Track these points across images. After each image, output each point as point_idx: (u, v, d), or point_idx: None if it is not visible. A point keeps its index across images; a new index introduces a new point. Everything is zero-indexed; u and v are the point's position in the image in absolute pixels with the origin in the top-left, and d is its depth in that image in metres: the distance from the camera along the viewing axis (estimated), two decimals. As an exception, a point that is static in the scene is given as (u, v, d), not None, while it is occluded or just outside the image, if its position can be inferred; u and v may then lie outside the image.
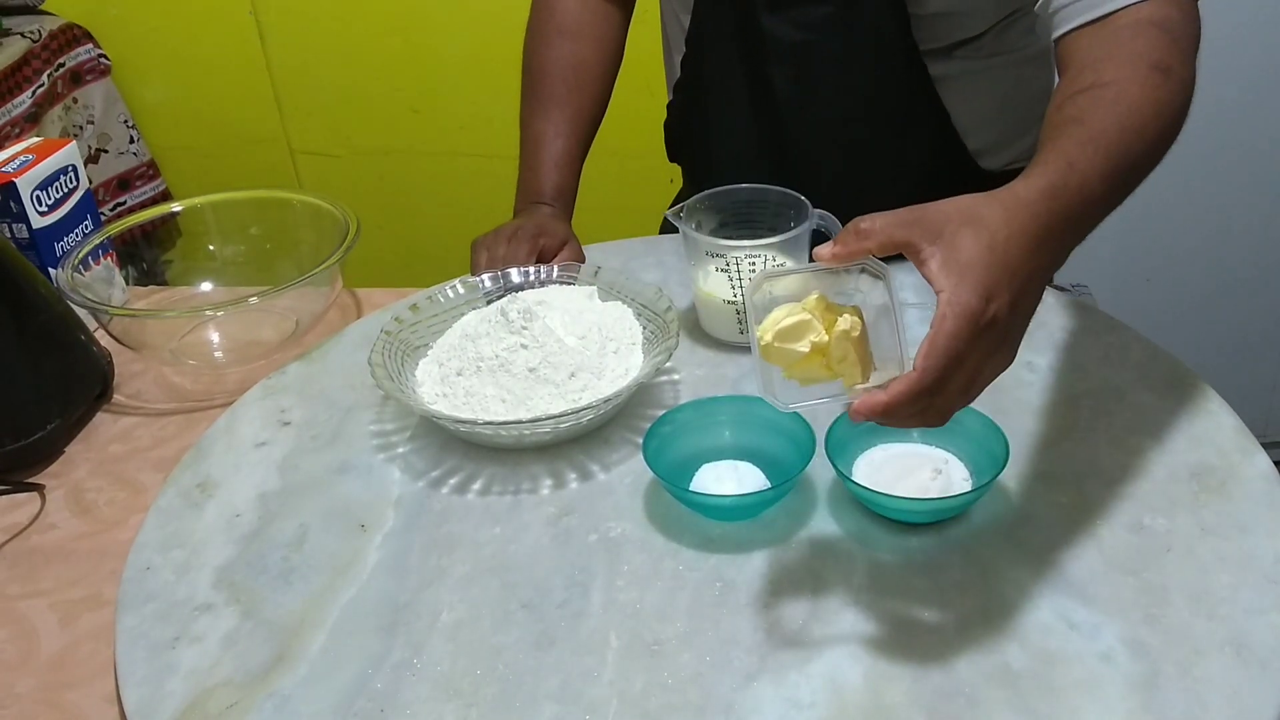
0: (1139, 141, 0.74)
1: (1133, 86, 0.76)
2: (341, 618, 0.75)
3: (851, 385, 0.68)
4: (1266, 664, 0.67)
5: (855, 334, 0.67)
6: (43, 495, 0.92)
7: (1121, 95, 0.75)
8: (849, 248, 0.65)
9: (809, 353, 0.67)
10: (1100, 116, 0.74)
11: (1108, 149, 0.72)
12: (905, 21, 1.01)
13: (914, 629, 0.71)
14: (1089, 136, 0.72)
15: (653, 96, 1.29)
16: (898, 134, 1.09)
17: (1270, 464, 0.81)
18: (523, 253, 1.03)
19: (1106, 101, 0.75)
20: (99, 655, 0.77)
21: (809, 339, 0.67)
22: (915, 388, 0.62)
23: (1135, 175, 0.75)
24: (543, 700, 0.68)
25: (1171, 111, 0.77)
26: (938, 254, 0.63)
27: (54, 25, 2.04)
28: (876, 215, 0.65)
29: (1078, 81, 0.79)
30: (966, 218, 0.65)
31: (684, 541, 0.79)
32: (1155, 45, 0.79)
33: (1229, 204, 1.97)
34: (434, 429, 0.91)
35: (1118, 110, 0.74)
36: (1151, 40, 0.79)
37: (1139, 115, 0.75)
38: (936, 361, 0.61)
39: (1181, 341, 1.05)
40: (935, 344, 0.61)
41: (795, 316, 0.67)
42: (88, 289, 1.06)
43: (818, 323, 0.67)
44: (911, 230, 0.64)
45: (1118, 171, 0.72)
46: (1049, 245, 0.67)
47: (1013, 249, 0.64)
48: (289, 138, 2.25)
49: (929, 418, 0.65)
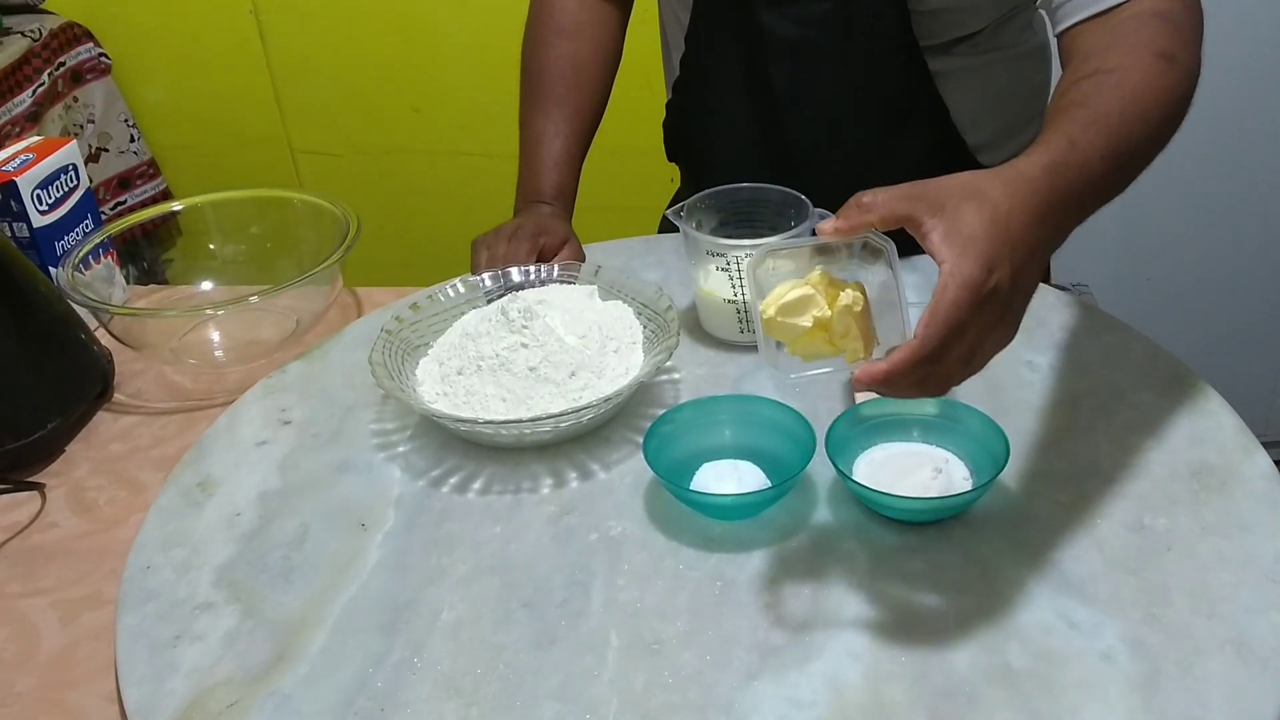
0: (1141, 125, 0.75)
1: (1136, 73, 0.77)
2: (342, 617, 0.75)
3: (854, 360, 0.68)
4: (1267, 663, 0.67)
5: (857, 309, 0.67)
6: (43, 494, 0.92)
7: (1125, 80, 0.77)
8: (851, 221, 0.65)
9: (811, 327, 0.68)
10: (1103, 100, 0.75)
11: (1110, 130, 0.73)
12: (905, 18, 1.01)
13: (914, 628, 0.71)
14: (1091, 118, 0.73)
15: (652, 95, 1.29)
16: (897, 130, 1.09)
17: (1270, 463, 0.81)
18: (523, 252, 1.03)
19: (1109, 86, 0.76)
20: (100, 654, 0.77)
21: (812, 313, 0.67)
22: (916, 355, 0.62)
23: (1137, 159, 0.76)
24: (543, 699, 0.68)
25: (1174, 98, 0.78)
26: (940, 226, 0.64)
27: (54, 24, 2.04)
28: (878, 189, 0.65)
29: (1082, 69, 0.80)
30: (969, 191, 0.65)
31: (684, 540, 0.79)
32: (1159, 34, 0.80)
33: (1230, 203, 1.97)
34: (434, 428, 0.91)
35: (1120, 94, 0.76)
36: (1155, 29, 0.81)
37: (1141, 100, 0.76)
38: (937, 330, 0.62)
39: (1182, 341, 1.05)
40: (936, 313, 0.62)
41: (799, 291, 0.67)
42: (88, 288, 1.06)
43: (820, 298, 0.67)
44: (914, 204, 0.64)
45: (1118, 153, 0.73)
46: (1050, 220, 0.68)
47: (1014, 222, 0.65)
48: (289, 137, 2.25)
49: (929, 386, 0.65)
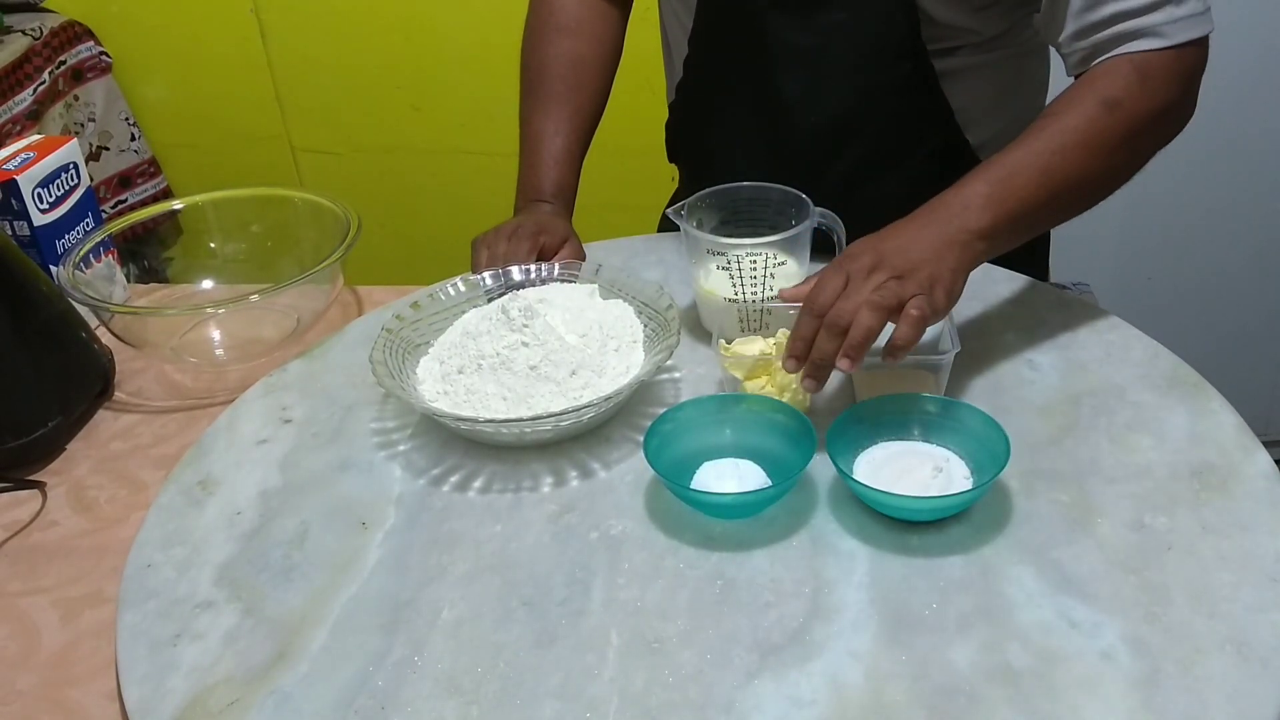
0: (1060, 163, 0.87)
1: (1070, 118, 0.88)
2: (342, 615, 0.75)
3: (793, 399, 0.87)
4: (1267, 662, 0.67)
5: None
6: (44, 493, 0.92)
7: (1054, 125, 0.88)
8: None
9: (761, 379, 0.88)
10: (1025, 140, 0.88)
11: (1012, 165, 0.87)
12: (915, 25, 1.01)
13: (915, 627, 0.71)
14: (1002, 157, 0.88)
15: (653, 94, 1.28)
16: (901, 131, 1.09)
17: (1271, 462, 0.81)
18: (523, 250, 1.03)
19: (1036, 130, 0.88)
20: (100, 652, 0.77)
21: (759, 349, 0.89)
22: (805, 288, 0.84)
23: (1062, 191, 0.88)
24: (544, 698, 0.68)
25: (1108, 140, 0.88)
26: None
27: (55, 22, 2.04)
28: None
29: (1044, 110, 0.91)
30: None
31: (685, 539, 0.79)
32: (1114, 83, 0.88)
33: (1230, 202, 1.96)
34: (435, 427, 0.91)
35: (1043, 137, 0.87)
36: (1115, 78, 0.89)
37: (1061, 139, 0.87)
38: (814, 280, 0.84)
39: (1183, 340, 1.05)
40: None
41: (759, 347, 0.88)
42: (89, 286, 1.06)
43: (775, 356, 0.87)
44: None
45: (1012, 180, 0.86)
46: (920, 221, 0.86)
47: (885, 232, 0.86)
48: (290, 135, 2.25)
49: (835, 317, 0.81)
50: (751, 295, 0.95)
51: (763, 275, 0.94)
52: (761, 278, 0.94)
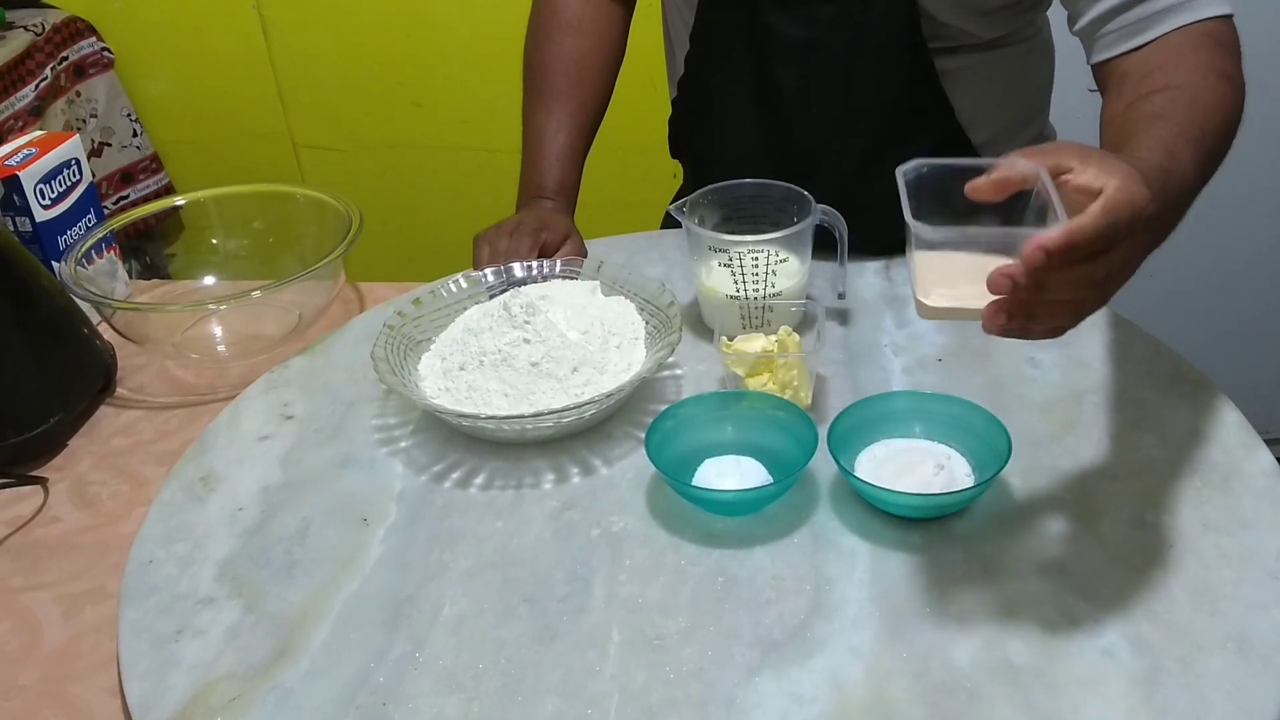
0: (1216, 141, 0.78)
1: (1206, 91, 0.81)
2: (344, 611, 0.75)
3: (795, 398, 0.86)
4: (1268, 660, 0.67)
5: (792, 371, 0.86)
6: (45, 488, 0.92)
7: (1197, 97, 0.80)
8: (1004, 174, 0.66)
9: (762, 374, 0.86)
10: (1182, 114, 0.78)
11: (1198, 142, 0.76)
12: (914, 20, 1.01)
13: (916, 624, 0.71)
14: (1178, 130, 0.76)
15: (655, 91, 1.28)
16: (902, 129, 1.08)
17: (1273, 460, 0.81)
18: (525, 247, 1.03)
19: (1184, 101, 0.80)
20: (102, 648, 0.77)
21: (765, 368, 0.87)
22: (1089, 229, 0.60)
23: (1209, 174, 0.78)
24: (545, 694, 0.68)
25: (1237, 115, 0.83)
26: (1093, 166, 0.65)
27: (57, 18, 2.04)
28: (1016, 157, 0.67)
29: (1147, 84, 0.83)
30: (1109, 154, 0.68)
31: (686, 536, 0.79)
32: (1215, 55, 0.85)
33: (1232, 200, 1.96)
34: (436, 423, 0.91)
35: (1196, 110, 0.79)
36: (1211, 51, 0.85)
37: (1214, 117, 0.80)
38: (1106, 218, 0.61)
39: (1185, 338, 1.05)
40: (1108, 204, 0.61)
41: (760, 344, 0.87)
42: (91, 282, 1.06)
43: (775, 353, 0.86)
44: (1061, 153, 0.66)
45: (1202, 166, 0.76)
46: (1159, 219, 0.67)
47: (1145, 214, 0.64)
48: (292, 132, 2.25)
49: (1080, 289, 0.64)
50: (753, 292, 0.95)
51: (764, 272, 0.94)
52: (763, 275, 0.94)
